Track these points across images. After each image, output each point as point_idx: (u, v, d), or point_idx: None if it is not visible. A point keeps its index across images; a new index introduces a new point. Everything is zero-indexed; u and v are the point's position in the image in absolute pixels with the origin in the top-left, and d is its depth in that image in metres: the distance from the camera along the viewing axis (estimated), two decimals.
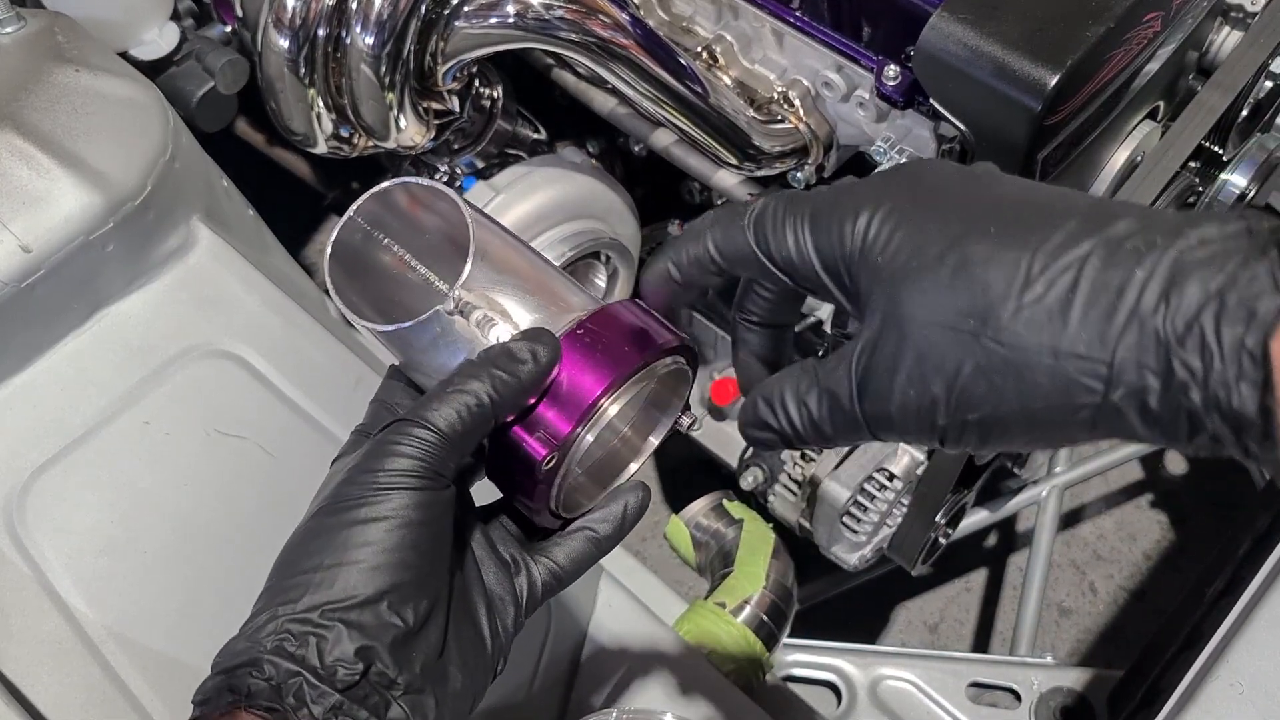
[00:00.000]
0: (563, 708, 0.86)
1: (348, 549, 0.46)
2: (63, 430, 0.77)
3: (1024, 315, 0.38)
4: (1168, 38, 0.87)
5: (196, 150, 0.92)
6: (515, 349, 0.49)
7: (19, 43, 0.85)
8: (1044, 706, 1.20)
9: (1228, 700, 0.71)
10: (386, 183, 0.52)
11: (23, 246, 0.74)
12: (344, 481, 0.48)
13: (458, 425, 0.48)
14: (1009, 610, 1.52)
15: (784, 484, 1.12)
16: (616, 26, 0.92)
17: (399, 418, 0.49)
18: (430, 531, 0.47)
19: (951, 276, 0.40)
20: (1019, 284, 0.39)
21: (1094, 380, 0.38)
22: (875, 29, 0.91)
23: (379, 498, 0.46)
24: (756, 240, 0.46)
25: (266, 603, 0.47)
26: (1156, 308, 0.36)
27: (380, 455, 0.47)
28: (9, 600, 0.72)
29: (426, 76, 0.99)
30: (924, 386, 0.41)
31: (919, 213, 0.42)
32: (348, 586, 0.46)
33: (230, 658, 0.46)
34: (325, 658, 0.45)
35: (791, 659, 1.24)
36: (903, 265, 0.41)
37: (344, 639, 0.45)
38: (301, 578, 0.46)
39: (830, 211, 0.43)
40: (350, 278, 0.52)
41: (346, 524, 0.47)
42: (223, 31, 1.12)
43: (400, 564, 0.46)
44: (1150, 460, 1.62)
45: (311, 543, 0.47)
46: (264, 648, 0.45)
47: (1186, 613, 1.04)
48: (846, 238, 0.43)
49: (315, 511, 0.48)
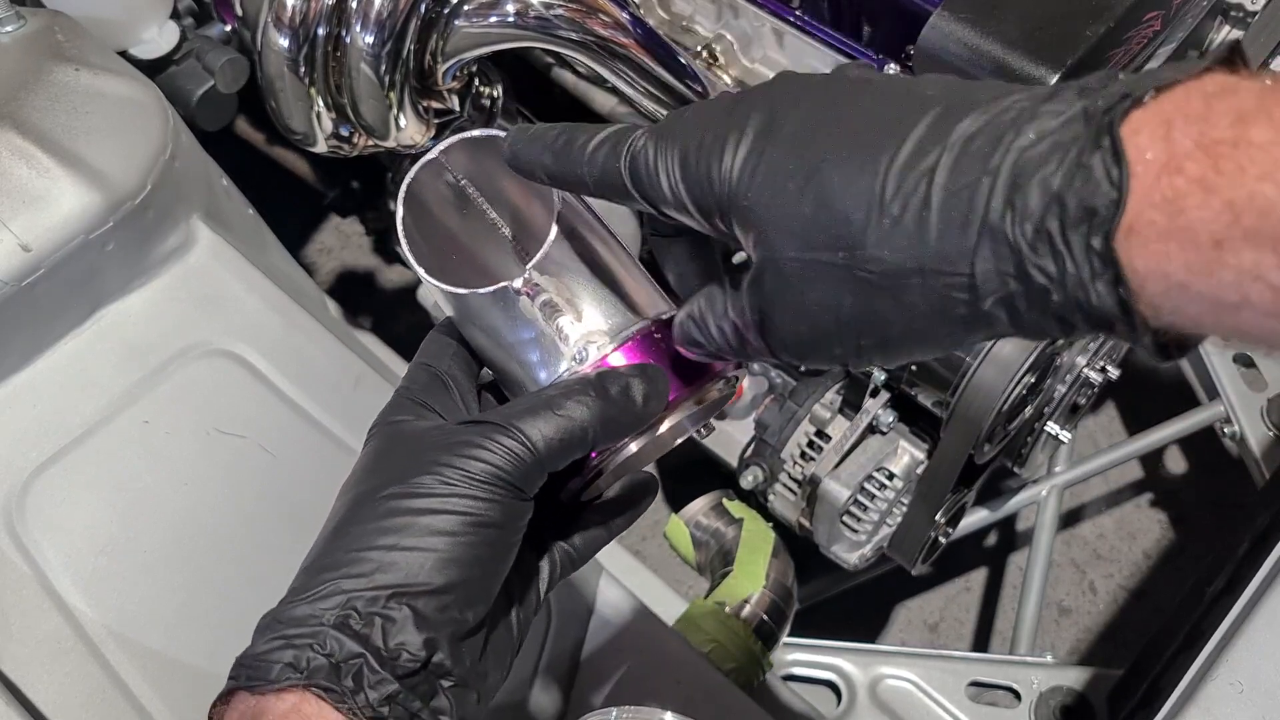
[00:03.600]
0: (563, 707, 0.86)
1: (424, 535, 0.45)
2: (63, 429, 0.77)
3: (887, 240, 0.39)
4: (1168, 37, 0.87)
5: (196, 149, 0.92)
6: (634, 389, 0.48)
7: (19, 42, 0.85)
8: (1044, 706, 1.20)
9: (1227, 699, 0.71)
10: (478, 131, 0.50)
11: (22, 245, 0.74)
12: (422, 465, 0.46)
13: (556, 448, 0.47)
14: (1009, 609, 1.52)
15: (784, 483, 1.12)
16: (616, 25, 0.92)
17: (494, 421, 0.47)
18: (504, 537, 0.47)
19: (814, 212, 0.40)
20: (876, 209, 0.39)
21: (962, 293, 0.38)
22: (875, 28, 0.91)
23: (463, 492, 0.45)
24: (634, 185, 0.45)
25: (326, 569, 0.45)
26: (1004, 214, 0.36)
27: (468, 453, 0.46)
28: (8, 599, 0.72)
29: (426, 75, 0.99)
30: (813, 322, 0.42)
31: (778, 145, 0.41)
32: (420, 572, 0.45)
33: (289, 624, 0.44)
34: (390, 640, 0.44)
35: (791, 658, 1.24)
36: (767, 206, 0.41)
37: (410, 625, 0.44)
38: (373, 554, 0.45)
39: (697, 154, 0.43)
40: (419, 224, 0.50)
41: (422, 510, 0.45)
42: (222, 30, 1.12)
43: (474, 561, 0.46)
44: (1150, 459, 1.63)
45: (385, 520, 0.46)
46: (327, 620, 0.44)
47: (1186, 612, 1.04)
48: (715, 182, 0.43)
49: (383, 488, 0.46)
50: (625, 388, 0.48)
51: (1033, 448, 1.14)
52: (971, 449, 0.96)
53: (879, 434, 1.07)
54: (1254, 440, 1.34)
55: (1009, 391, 0.92)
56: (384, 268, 1.77)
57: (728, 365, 0.52)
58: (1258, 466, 1.32)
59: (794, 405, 1.10)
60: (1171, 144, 0.34)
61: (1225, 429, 1.37)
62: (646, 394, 0.48)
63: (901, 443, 1.06)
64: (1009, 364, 0.92)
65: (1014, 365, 0.92)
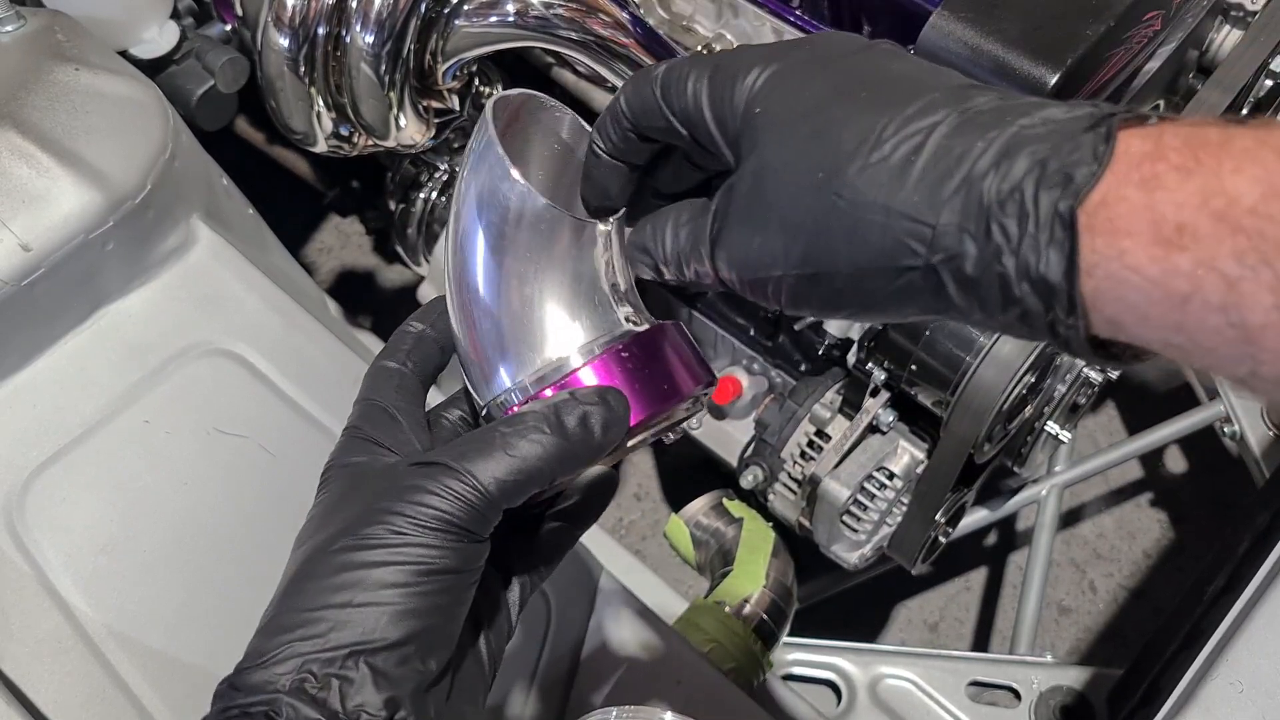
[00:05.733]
0: (562, 707, 0.86)
1: (378, 588, 0.43)
2: (63, 429, 0.77)
3: (868, 173, 0.40)
4: (1168, 36, 0.87)
5: (196, 149, 0.92)
6: (592, 419, 0.45)
7: (19, 41, 0.85)
8: (1044, 705, 1.20)
9: (1227, 699, 0.71)
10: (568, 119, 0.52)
11: (22, 245, 0.74)
12: (369, 514, 0.44)
13: (510, 489, 0.45)
14: (1009, 609, 1.52)
15: (784, 483, 1.12)
16: (616, 25, 0.92)
17: (443, 463, 0.45)
18: (460, 581, 0.45)
19: (811, 132, 0.42)
20: (869, 144, 0.40)
21: (917, 243, 0.39)
22: (875, 27, 0.91)
23: (414, 540, 0.44)
24: (661, 93, 0.46)
25: (280, 630, 0.44)
26: (986, 174, 0.38)
27: (417, 499, 0.44)
28: (8, 598, 0.72)
29: (426, 75, 0.99)
30: (768, 234, 0.43)
31: (804, 75, 0.43)
32: (377, 628, 0.43)
33: (245, 692, 0.43)
34: (348, 703, 0.42)
35: (791, 658, 1.25)
36: (772, 118, 0.43)
37: (368, 684, 0.42)
38: (327, 612, 0.43)
39: (728, 68, 0.45)
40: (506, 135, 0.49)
41: (374, 563, 0.43)
42: (222, 30, 1.12)
43: (431, 609, 0.44)
44: (1150, 459, 1.63)
45: (337, 575, 0.44)
46: (282, 686, 0.42)
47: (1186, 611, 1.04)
48: (736, 92, 0.44)
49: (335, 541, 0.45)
50: (583, 418, 0.45)
51: (1032, 447, 1.14)
52: (971, 448, 0.96)
53: (879, 433, 1.07)
54: (1254, 440, 1.34)
55: (1009, 391, 0.92)
56: (384, 267, 1.77)
57: (701, 379, 0.50)
58: (1258, 466, 1.32)
59: (794, 405, 1.10)
60: (1161, 142, 0.35)
61: (1225, 428, 1.37)
62: (606, 423, 0.46)
63: (901, 442, 1.06)
64: (1009, 363, 0.92)
65: (1014, 364, 0.92)
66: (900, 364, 0.98)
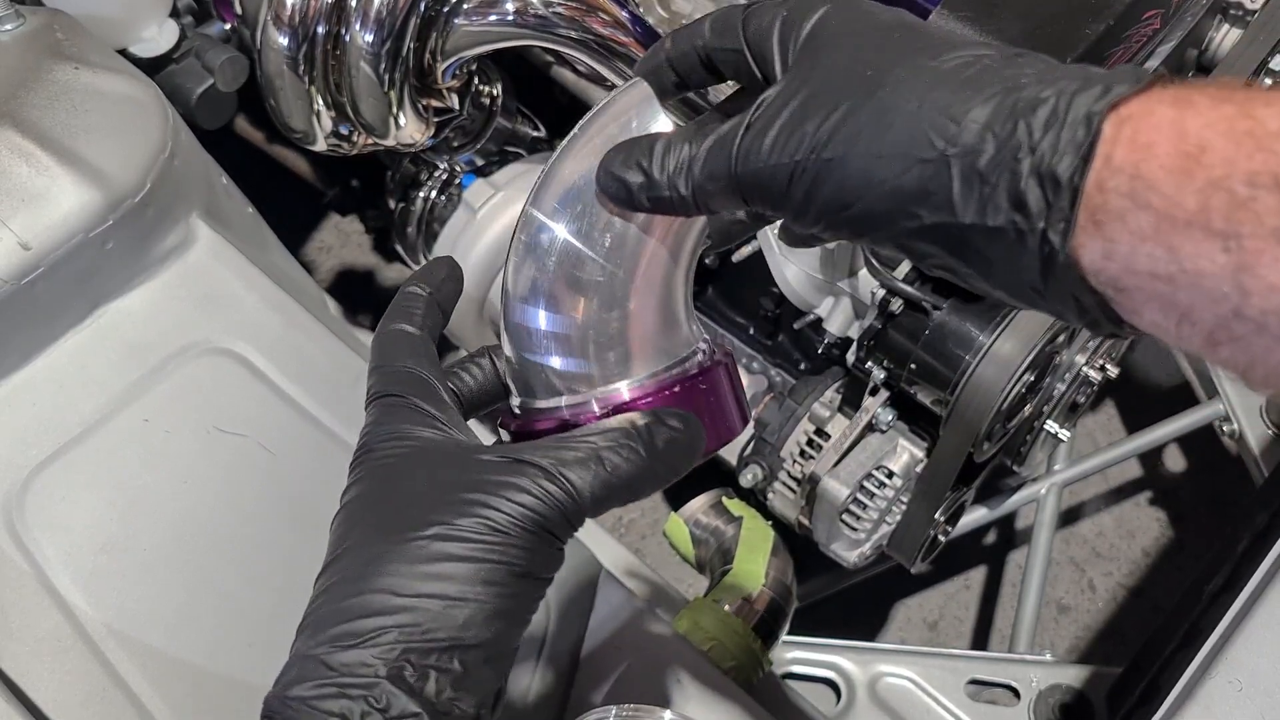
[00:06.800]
0: (562, 706, 0.86)
1: (474, 584, 0.43)
2: (62, 428, 0.77)
3: (914, 72, 0.41)
4: (1167, 35, 0.87)
5: (196, 148, 0.92)
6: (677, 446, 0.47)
7: (18, 40, 0.85)
8: (1043, 704, 1.20)
9: (1226, 698, 0.71)
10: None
11: (22, 244, 0.74)
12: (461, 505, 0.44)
13: (601, 499, 0.45)
14: (1008, 608, 1.52)
15: (783, 481, 1.12)
16: (616, 24, 0.92)
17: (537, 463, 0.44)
18: (539, 589, 0.45)
19: (874, 38, 0.44)
20: (912, 59, 0.42)
21: (938, 137, 0.40)
22: None
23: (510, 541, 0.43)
24: (745, 18, 0.48)
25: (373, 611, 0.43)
26: (1027, 85, 0.39)
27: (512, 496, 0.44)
28: (8, 598, 0.72)
29: (426, 74, 0.99)
30: (788, 144, 0.43)
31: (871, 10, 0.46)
32: (470, 625, 0.43)
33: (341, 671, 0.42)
34: (441, 694, 0.42)
35: (791, 656, 1.25)
36: (826, 38, 0.45)
37: (463, 682, 0.43)
38: (423, 601, 0.43)
39: (807, 7, 0.46)
40: None
41: (468, 557, 0.43)
42: (222, 29, 1.12)
43: (514, 611, 0.44)
44: (1149, 458, 1.63)
45: (431, 565, 0.43)
46: (379, 671, 0.42)
47: (1185, 610, 1.04)
48: (808, 22, 0.46)
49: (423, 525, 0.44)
50: (670, 443, 0.46)
51: (1032, 446, 1.14)
52: (971, 447, 0.96)
53: (878, 432, 1.07)
54: (1253, 438, 1.34)
55: (1008, 390, 0.92)
56: (383, 266, 1.77)
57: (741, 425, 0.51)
58: (1257, 465, 1.33)
59: (793, 403, 1.10)
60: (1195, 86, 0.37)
61: (1224, 427, 1.37)
62: (688, 452, 0.47)
63: (901, 441, 1.06)
64: (1008, 362, 0.92)
65: (1013, 363, 0.92)
66: (900, 363, 0.98)
